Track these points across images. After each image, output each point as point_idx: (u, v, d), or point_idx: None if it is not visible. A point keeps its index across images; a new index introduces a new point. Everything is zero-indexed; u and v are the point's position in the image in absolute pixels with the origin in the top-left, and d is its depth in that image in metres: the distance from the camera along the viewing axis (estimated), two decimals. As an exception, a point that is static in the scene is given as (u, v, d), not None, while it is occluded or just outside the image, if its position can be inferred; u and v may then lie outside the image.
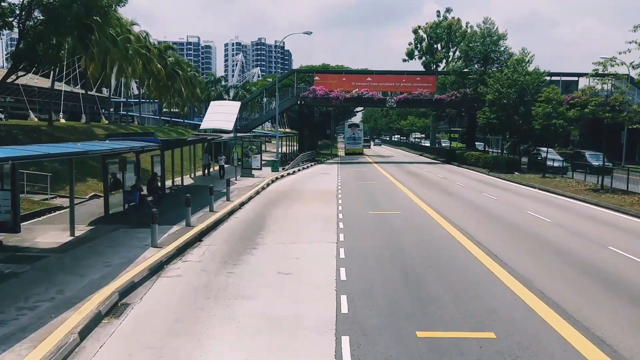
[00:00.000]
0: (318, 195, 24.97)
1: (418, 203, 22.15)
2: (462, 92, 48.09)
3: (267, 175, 34.71)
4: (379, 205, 21.71)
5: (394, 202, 22.64)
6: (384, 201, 23.08)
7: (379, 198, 24.20)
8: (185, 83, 63.27)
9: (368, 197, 24.42)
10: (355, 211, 19.99)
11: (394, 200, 23.46)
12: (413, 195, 24.85)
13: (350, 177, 35.16)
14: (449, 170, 42.10)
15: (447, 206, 21.29)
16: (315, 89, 49.45)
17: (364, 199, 23.93)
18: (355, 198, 24.11)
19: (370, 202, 22.61)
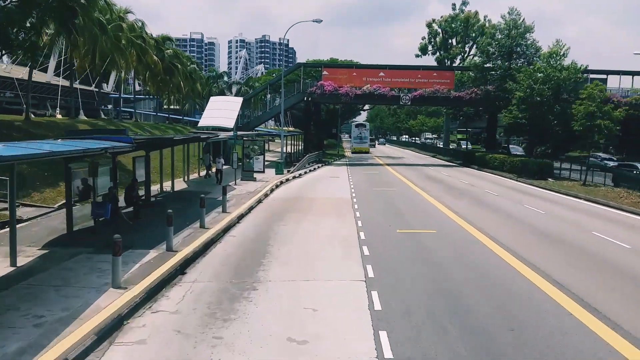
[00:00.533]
0: (331, 205, 21.25)
1: (453, 218, 18.39)
2: (482, 90, 44.27)
3: (270, 179, 31.00)
4: (407, 221, 17.96)
5: (424, 217, 18.89)
6: (410, 215, 19.32)
7: (403, 210, 20.45)
8: (185, 77, 59.65)
9: (390, 209, 20.68)
10: (379, 229, 16.27)
11: (422, 213, 19.71)
12: (442, 206, 21.09)
13: (364, 182, 31.43)
14: (471, 174, 38.31)
15: (489, 223, 17.54)
16: (323, 84, 45.71)
17: (385, 211, 20.19)
18: (375, 209, 20.37)
19: (394, 216, 18.86)
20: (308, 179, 33.44)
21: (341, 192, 25.94)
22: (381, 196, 24.66)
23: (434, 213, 19.61)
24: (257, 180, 29.79)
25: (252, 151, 29.85)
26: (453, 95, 45.58)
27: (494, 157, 40.07)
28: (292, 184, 30.11)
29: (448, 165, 49.09)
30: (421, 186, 28.88)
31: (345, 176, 35.60)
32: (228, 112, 43.74)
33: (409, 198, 24.02)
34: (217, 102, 45.57)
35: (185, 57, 65.18)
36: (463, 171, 41.36)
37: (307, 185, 29.09)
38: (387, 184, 30.33)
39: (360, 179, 33.71)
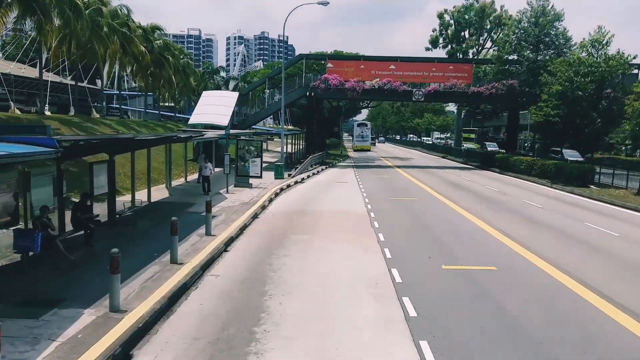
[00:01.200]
0: (344, 223, 16.90)
1: (507, 243, 14.07)
2: (504, 84, 39.94)
3: (269, 185, 26.62)
4: (450, 250, 13.59)
5: (470, 243, 14.51)
6: (451, 239, 14.93)
7: (438, 231, 16.07)
8: (176, 71, 55.23)
9: (421, 229, 16.32)
10: (416, 264, 11.91)
11: (466, 237, 15.30)
12: (485, 224, 16.77)
13: (377, 189, 27.09)
14: (494, 178, 33.96)
15: (559, 252, 13.21)
16: (327, 77, 41.32)
17: (416, 232, 15.82)
18: (402, 230, 16.00)
19: (431, 242, 14.50)
20: (312, 184, 29.06)
21: (353, 203, 21.57)
22: (403, 209, 20.29)
23: (480, 236, 15.25)
24: (253, 187, 25.43)
25: (248, 153, 25.45)
26: (471, 90, 41.22)
27: (519, 160, 35.71)
28: (294, 191, 25.74)
29: (464, 167, 44.72)
30: (446, 195, 24.51)
31: (353, 181, 31.24)
32: (222, 108, 39.44)
33: (438, 213, 19.64)
34: (209, 98, 41.22)
35: (178, 49, 60.79)
36: (484, 175, 37.01)
37: (312, 194, 24.71)
38: (405, 192, 25.97)
39: (371, 184, 29.35)
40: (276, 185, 26.99)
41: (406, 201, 22.49)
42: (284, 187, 26.32)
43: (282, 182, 28.21)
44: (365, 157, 60.55)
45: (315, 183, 29.68)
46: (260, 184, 26.73)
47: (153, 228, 15.05)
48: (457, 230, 16.03)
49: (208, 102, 40.29)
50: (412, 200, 22.69)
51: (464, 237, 15.12)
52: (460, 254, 13.07)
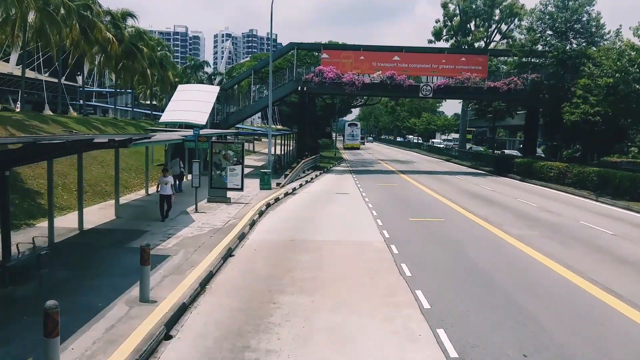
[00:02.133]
0: (359, 269, 11.46)
1: (623, 311, 8.75)
2: (525, 79, 34.84)
3: (252, 199, 21.13)
4: (542, 327, 8.17)
5: (565, 309, 9.14)
6: (538, 306, 9.48)
7: (509, 286, 10.57)
8: (152, 64, 49.46)
9: (482, 284, 10.82)
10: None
11: (564, 304, 9.81)
12: (582, 280, 11.42)
13: (387, 203, 21.72)
14: (521, 188, 28.75)
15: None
16: (323, 70, 35.86)
17: (477, 291, 10.31)
18: (452, 285, 10.54)
19: (508, 311, 9.04)
20: (307, 197, 23.56)
21: (363, 228, 16.15)
22: (435, 240, 14.88)
23: (581, 299, 9.84)
24: (231, 203, 19.92)
25: (225, 158, 19.90)
26: (487, 85, 35.99)
27: (547, 166, 30.49)
28: (284, 207, 20.23)
29: (476, 173, 39.51)
30: (478, 213, 19.17)
31: (355, 192, 25.84)
32: (200, 104, 33.84)
33: (487, 247, 14.22)
34: (185, 92, 35.57)
35: (155, 40, 54.86)
36: (504, 183, 31.79)
37: (307, 211, 19.22)
38: (424, 208, 20.58)
39: (378, 196, 23.98)
40: (262, 198, 21.50)
41: (431, 224, 17.09)
42: (272, 202, 20.83)
43: (270, 195, 22.73)
44: (362, 159, 55.20)
45: (310, 195, 24.19)
46: (241, 197, 21.24)
47: (68, 279, 9.57)
48: (536, 285, 10.60)
49: (184, 97, 34.65)
50: (440, 223, 17.30)
51: (555, 300, 9.69)
52: (562, 336, 7.68)
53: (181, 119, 32.05)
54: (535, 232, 15.86)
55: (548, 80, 32.28)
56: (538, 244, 14.11)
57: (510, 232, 15.62)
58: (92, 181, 20.96)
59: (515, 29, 49.11)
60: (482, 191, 26.96)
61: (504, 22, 49.71)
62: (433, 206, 21.22)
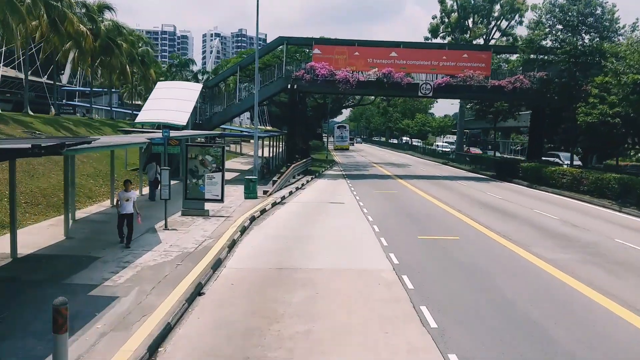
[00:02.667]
0: (365, 318, 8.73)
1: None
2: (532, 77, 32.40)
3: (235, 211, 18.36)
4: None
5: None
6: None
7: (570, 345, 7.97)
8: (132, 60, 46.49)
9: (531, 339, 8.18)
10: None
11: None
12: (622, 309, 8.83)
13: (389, 215, 19.04)
14: (532, 196, 26.26)
15: None
16: (314, 66, 33.12)
17: (534, 355, 7.68)
18: (492, 341, 7.88)
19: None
20: (297, 208, 20.79)
21: (365, 252, 13.44)
22: (452, 266, 12.20)
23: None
24: (209, 216, 17.13)
25: (203, 165, 17.10)
26: (491, 84, 33.50)
27: (560, 171, 28.03)
28: (270, 222, 17.44)
29: (478, 177, 37.01)
30: (495, 228, 16.57)
31: (351, 200, 23.16)
32: (180, 103, 31.01)
33: (517, 274, 11.61)
34: (164, 90, 32.68)
35: (136, 35, 51.77)
36: (511, 189, 29.29)
37: (297, 228, 16.45)
38: (432, 221, 17.90)
39: (378, 206, 21.33)
40: (246, 210, 18.73)
41: (445, 243, 14.42)
42: (257, 215, 18.06)
43: (255, 205, 19.97)
44: (355, 162, 52.55)
45: (301, 206, 21.42)
46: (222, 209, 18.47)
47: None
48: (606, 340, 7.96)
49: (163, 95, 31.78)
50: (454, 242, 14.64)
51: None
52: None
53: (159, 118, 29.19)
54: (571, 255, 13.25)
55: (559, 78, 29.78)
56: (581, 273, 11.50)
57: (542, 256, 13.00)
58: (48, 190, 18.06)
59: (516, 25, 46.89)
60: (490, 199, 24.39)
61: (504, 18, 47.35)
62: (441, 219, 18.57)
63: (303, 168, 34.22)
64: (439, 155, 60.11)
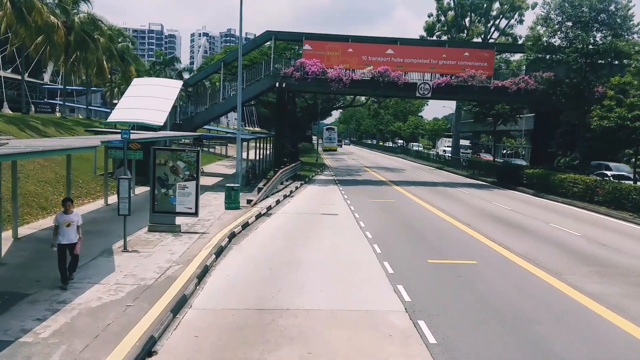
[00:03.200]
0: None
1: None
2: (540, 77, 30.24)
3: (212, 225, 15.81)
4: None
5: None
6: None
7: None
8: (110, 56, 43.66)
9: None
10: None
11: None
12: None
13: (389, 231, 16.62)
14: (542, 206, 24.05)
15: None
16: (304, 63, 30.65)
17: None
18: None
19: None
20: (284, 221, 18.27)
21: (368, 283, 10.94)
22: (479, 303, 9.78)
23: None
24: (181, 233, 14.56)
25: (174, 172, 14.53)
26: (493, 84, 31.26)
27: (571, 179, 25.83)
28: (253, 240, 14.89)
29: (478, 184, 34.78)
30: (516, 249, 14.21)
31: (345, 211, 20.72)
32: (158, 101, 28.33)
33: (562, 317, 9.24)
34: (141, 87, 29.97)
35: (116, 30, 48.90)
36: (518, 198, 27.06)
37: (284, 249, 13.91)
38: (441, 239, 15.46)
39: (375, 218, 18.93)
40: (226, 224, 16.19)
41: (462, 270, 12.00)
42: (238, 231, 15.53)
43: (237, 217, 17.45)
44: (347, 166, 50.15)
45: (289, 218, 18.90)
46: (197, 222, 15.92)
47: None
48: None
49: (139, 92, 29.07)
50: (473, 268, 12.23)
51: None
52: None
53: (133, 118, 26.46)
54: (615, 288, 10.92)
55: (570, 79, 27.59)
56: (637, 313, 9.15)
57: (582, 288, 10.65)
58: None
59: (516, 24, 44.85)
60: (499, 211, 22.07)
61: (503, 17, 45.29)
62: (451, 236, 16.17)
63: (292, 173, 31.72)
64: (433, 160, 57.92)
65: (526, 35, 29.40)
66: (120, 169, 19.26)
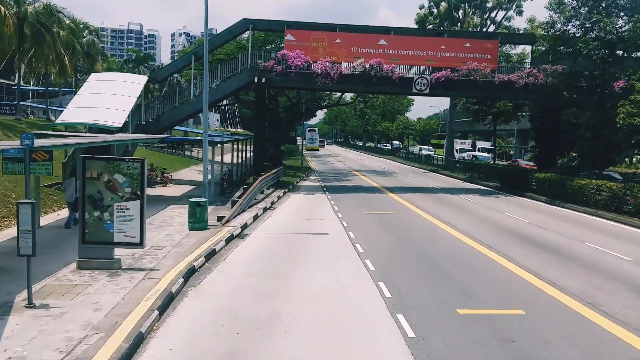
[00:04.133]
0: None
1: None
2: (552, 71, 27.03)
3: (165, 257, 12.00)
4: None
5: None
6: None
7: None
8: (72, 51, 39.56)
9: None
10: None
11: None
12: None
13: (398, 260, 13.03)
14: (569, 219, 20.75)
15: None
16: (287, 55, 27.02)
17: None
18: None
19: None
20: (262, 246, 14.56)
21: (378, 357, 7.35)
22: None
23: None
24: (120, 269, 10.81)
25: (110, 189, 10.77)
26: (498, 79, 27.95)
27: (593, 185, 22.57)
28: (218, 279, 11.17)
29: (480, 190, 31.49)
30: (570, 288, 10.78)
31: (337, 228, 17.17)
32: (118, 99, 24.48)
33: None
34: (98, 83, 26.08)
35: (80, 23, 44.65)
36: (533, 208, 23.77)
37: (258, 294, 10.23)
38: (464, 271, 11.92)
39: (373, 238, 15.43)
40: (185, 254, 12.46)
41: (511, 329, 8.49)
42: (200, 264, 11.82)
43: (202, 243, 13.73)
44: (334, 169, 46.60)
45: (268, 242, 15.23)
46: (146, 253, 12.18)
47: None
48: None
49: (96, 89, 25.19)
50: (523, 322, 8.72)
51: None
52: None
53: (86, 119, 22.66)
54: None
55: (590, 71, 24.35)
56: None
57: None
58: None
59: (514, 17, 41.70)
60: (519, 226, 18.66)
61: (500, 8, 42.12)
62: (477, 268, 12.62)
63: (274, 180, 28.02)
64: (423, 162, 54.70)
65: (537, 23, 26.00)
66: (69, 180, 15.48)
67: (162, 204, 20.30)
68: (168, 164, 36.67)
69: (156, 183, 26.68)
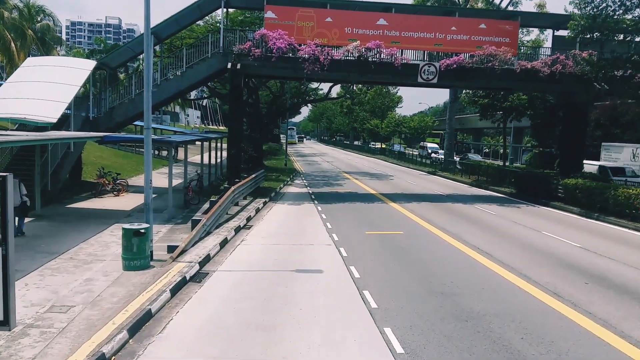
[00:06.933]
0: None
1: None
2: (576, 57, 22.76)
3: (62, 332, 6.98)
4: None
5: None
6: None
7: None
8: (22, 36, 34.34)
9: None
10: None
11: None
12: None
13: (441, 335, 8.41)
14: (621, 240, 16.39)
15: None
16: (267, 35, 22.27)
17: None
18: None
19: None
20: (225, 303, 9.81)
21: None
22: None
23: None
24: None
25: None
26: (519, 66, 23.49)
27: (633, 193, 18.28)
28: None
29: (494, 198, 27.14)
30: None
31: (333, 259, 12.54)
32: (55, 88, 19.53)
33: None
34: (31, 69, 20.99)
35: (34, 6, 39.20)
36: (570, 223, 19.43)
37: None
38: (547, 350, 7.40)
39: (386, 277, 10.81)
40: (95, 328, 7.58)
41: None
42: (116, 349, 7.06)
43: (133, 298, 8.91)
44: (321, 171, 41.96)
45: (234, 290, 10.50)
46: (23, 333, 7.35)
47: None
48: None
49: (27, 76, 20.18)
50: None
51: None
52: None
53: (9, 112, 17.68)
54: None
55: (634, 56, 20.05)
56: None
57: None
58: None
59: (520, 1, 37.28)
60: (572, 253, 14.21)
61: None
62: (554, 335, 8.10)
63: (252, 187, 23.29)
64: (418, 162, 50.35)
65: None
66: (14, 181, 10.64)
67: (100, 224, 15.46)
68: (133, 167, 31.65)
69: (106, 192, 21.77)
